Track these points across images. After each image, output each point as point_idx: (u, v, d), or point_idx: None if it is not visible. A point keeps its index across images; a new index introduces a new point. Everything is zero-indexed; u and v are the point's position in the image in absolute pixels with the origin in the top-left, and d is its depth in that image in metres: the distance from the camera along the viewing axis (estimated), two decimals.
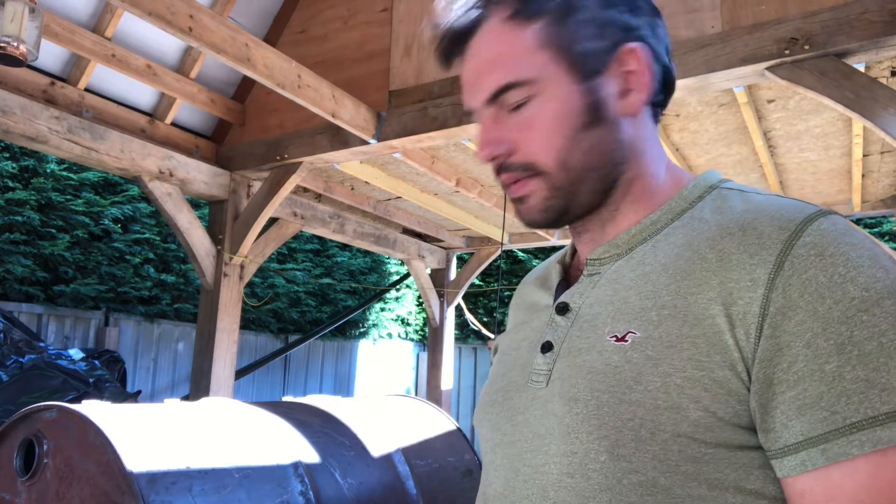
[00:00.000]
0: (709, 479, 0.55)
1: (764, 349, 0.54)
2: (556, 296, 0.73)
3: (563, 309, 0.69)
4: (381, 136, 3.12)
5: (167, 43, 3.23)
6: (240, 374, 6.48)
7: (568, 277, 0.76)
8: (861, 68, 2.33)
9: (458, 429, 2.75)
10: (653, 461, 0.56)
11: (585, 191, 0.68)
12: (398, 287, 9.63)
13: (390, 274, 9.86)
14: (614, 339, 0.61)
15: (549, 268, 0.80)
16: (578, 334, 0.65)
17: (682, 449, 0.56)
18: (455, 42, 0.70)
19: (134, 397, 4.54)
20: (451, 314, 5.73)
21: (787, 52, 2.23)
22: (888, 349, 0.50)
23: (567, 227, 0.73)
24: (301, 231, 4.41)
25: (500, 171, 0.69)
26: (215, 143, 3.70)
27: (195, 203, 6.71)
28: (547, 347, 0.68)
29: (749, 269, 0.56)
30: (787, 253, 0.55)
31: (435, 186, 4.29)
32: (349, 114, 2.95)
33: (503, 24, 0.67)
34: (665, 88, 0.71)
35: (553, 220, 0.69)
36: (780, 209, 0.59)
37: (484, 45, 0.67)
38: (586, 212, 0.70)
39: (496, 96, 0.67)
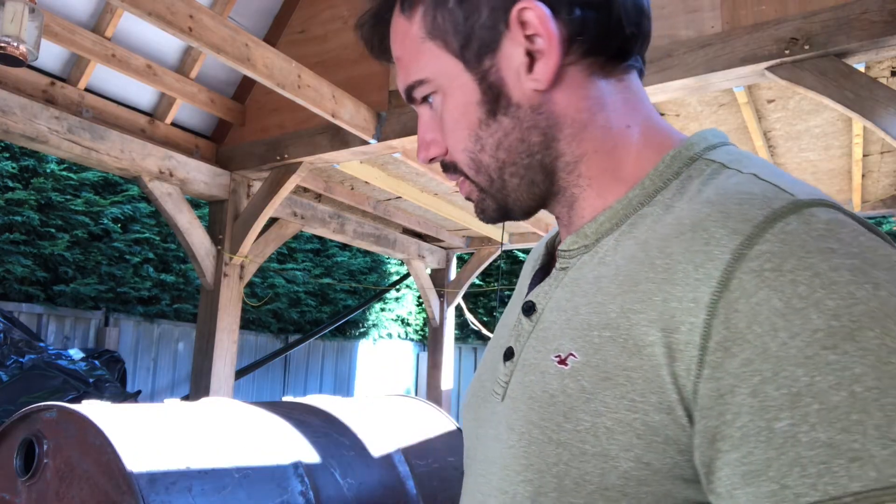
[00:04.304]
0: None
1: (703, 394, 0.42)
2: (531, 289, 0.63)
3: (529, 309, 0.59)
4: (381, 136, 3.12)
5: (167, 43, 3.23)
6: (240, 374, 6.49)
7: (551, 264, 0.66)
8: (861, 68, 2.33)
9: (459, 429, 2.75)
10: None
11: (513, 188, 0.59)
12: (398, 287, 9.63)
13: (390, 274, 9.87)
14: (557, 359, 0.51)
15: (540, 247, 0.70)
16: (534, 345, 0.56)
17: None
18: (374, 42, 0.64)
19: (134, 397, 4.54)
20: (451, 314, 5.73)
21: (787, 52, 2.23)
22: (864, 402, 0.37)
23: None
24: (301, 231, 4.41)
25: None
26: (215, 143, 3.71)
27: (195, 203, 6.71)
28: (509, 355, 0.59)
29: (693, 285, 0.44)
30: (736, 267, 0.42)
31: (435, 186, 4.29)
32: (349, 114, 2.95)
33: (398, 18, 0.60)
34: (610, 31, 0.56)
35: (500, 219, 0.63)
36: (743, 201, 0.45)
37: (392, 44, 0.62)
38: (534, 204, 0.61)
39: (409, 98, 0.62)
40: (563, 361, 0.51)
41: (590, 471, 0.46)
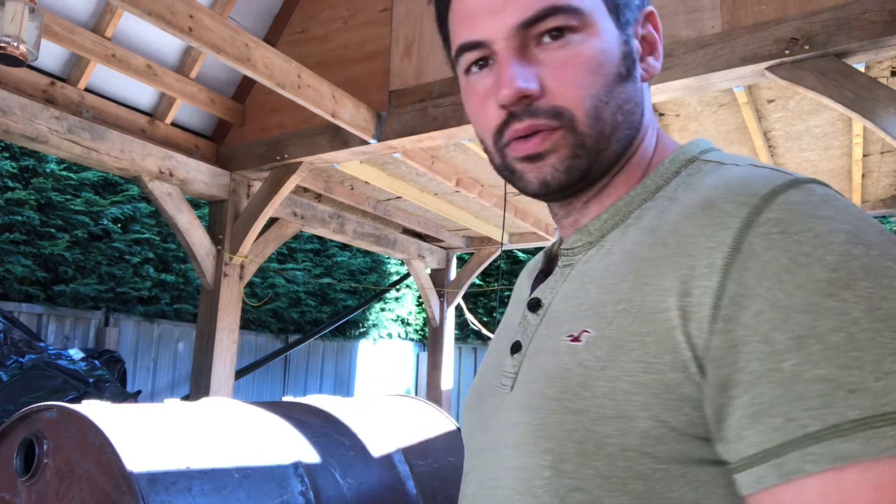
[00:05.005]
0: (662, 498, 0.48)
1: (717, 346, 0.46)
2: (533, 289, 0.67)
3: (534, 305, 0.63)
4: (381, 136, 3.12)
5: (167, 43, 3.23)
6: (240, 374, 6.49)
7: (551, 268, 0.69)
8: (861, 68, 2.33)
9: (459, 429, 2.75)
10: (597, 478, 0.50)
11: (610, 152, 0.59)
12: (398, 287, 9.63)
13: (390, 274, 9.87)
14: (570, 338, 0.55)
15: (539, 257, 0.75)
16: (544, 333, 0.59)
17: (630, 465, 0.49)
18: None
19: (134, 397, 4.54)
20: (451, 314, 5.73)
21: (787, 52, 2.23)
22: (860, 341, 0.42)
23: (556, 204, 0.66)
24: (301, 231, 4.41)
25: (516, 118, 0.58)
26: (215, 143, 3.71)
27: (195, 203, 6.71)
28: (516, 348, 0.62)
29: (706, 253, 0.48)
30: (746, 232, 0.47)
31: (435, 186, 4.29)
32: (349, 114, 2.95)
33: None
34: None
35: (569, 185, 0.60)
36: (747, 181, 0.51)
37: None
38: (596, 180, 0.62)
39: (538, 19, 0.56)
40: (576, 339, 0.54)
41: (610, 433, 0.49)
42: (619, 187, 0.62)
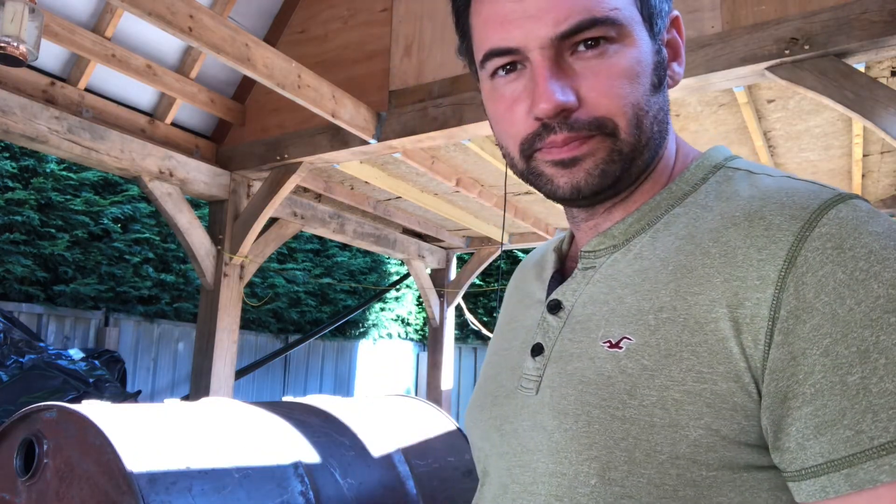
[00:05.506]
0: (711, 502, 0.50)
1: (775, 358, 0.47)
2: (549, 290, 0.66)
3: (554, 307, 0.62)
4: (381, 136, 3.12)
5: (167, 43, 3.23)
6: (240, 374, 6.49)
7: (563, 269, 0.69)
8: (861, 68, 2.33)
9: (458, 429, 2.75)
10: (648, 486, 0.50)
11: (642, 162, 0.59)
12: (398, 287, 9.63)
13: (390, 274, 9.87)
14: (608, 344, 0.55)
15: (546, 255, 0.73)
16: (570, 337, 0.59)
17: (681, 472, 0.50)
18: None
19: (134, 397, 4.54)
20: (451, 314, 5.73)
21: (787, 52, 2.23)
22: None
23: (575, 208, 0.64)
24: (301, 231, 4.41)
25: (551, 129, 0.56)
26: (215, 143, 3.71)
27: (195, 203, 6.71)
28: (537, 350, 0.61)
29: (757, 265, 0.49)
30: (800, 246, 0.48)
31: (435, 186, 4.29)
32: (349, 114, 2.95)
33: None
34: None
35: (601, 191, 0.58)
36: (792, 194, 0.52)
37: None
38: (625, 188, 0.61)
39: (576, 31, 0.55)
40: (615, 345, 0.54)
41: (660, 441, 0.50)
42: (644, 193, 0.62)
